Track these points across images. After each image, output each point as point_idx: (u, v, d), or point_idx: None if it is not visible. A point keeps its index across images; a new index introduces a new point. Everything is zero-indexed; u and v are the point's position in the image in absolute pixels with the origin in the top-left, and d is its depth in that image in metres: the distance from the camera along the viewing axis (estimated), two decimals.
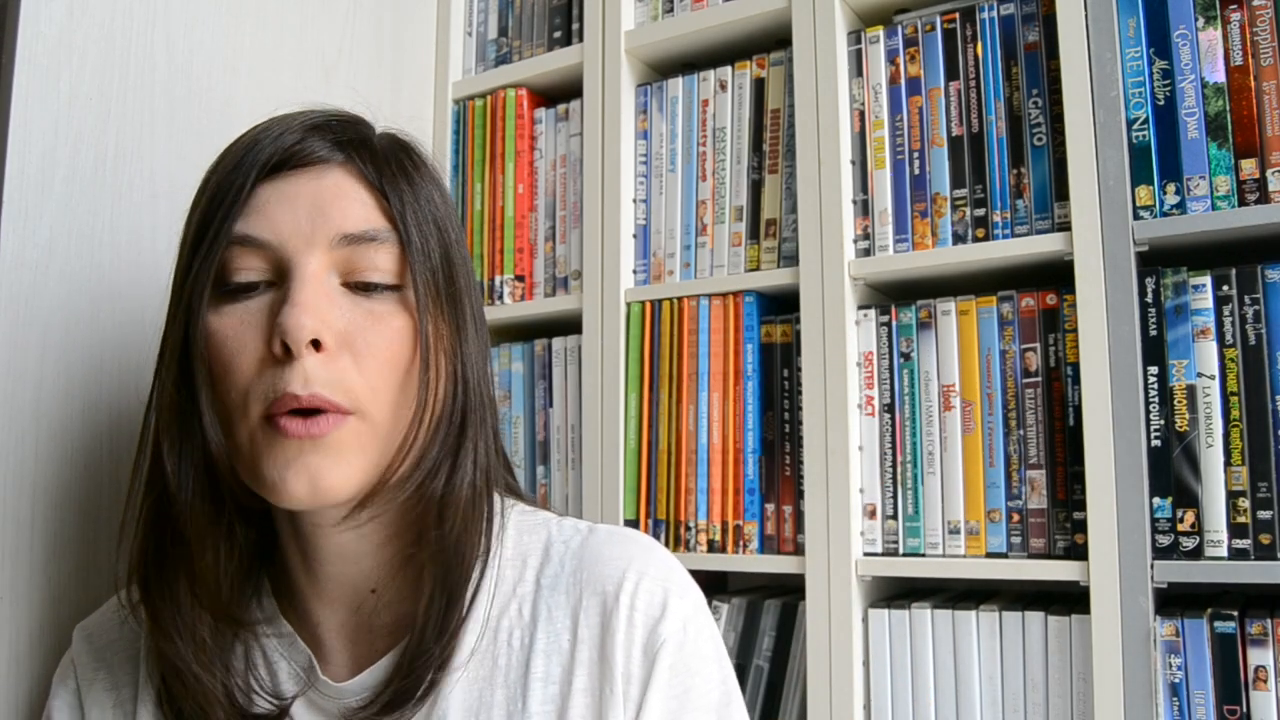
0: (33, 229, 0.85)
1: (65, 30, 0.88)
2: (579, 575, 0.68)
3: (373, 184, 0.65)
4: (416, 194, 0.67)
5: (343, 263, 0.64)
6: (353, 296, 0.64)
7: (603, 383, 1.27)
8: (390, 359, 0.64)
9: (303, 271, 0.62)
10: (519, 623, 0.68)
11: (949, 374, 1.10)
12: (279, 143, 0.64)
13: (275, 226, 0.63)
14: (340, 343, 0.62)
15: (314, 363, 0.61)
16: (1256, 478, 0.95)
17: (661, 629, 0.65)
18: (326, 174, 0.65)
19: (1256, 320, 0.96)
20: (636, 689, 0.65)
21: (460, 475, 0.66)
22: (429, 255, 0.66)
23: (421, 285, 0.65)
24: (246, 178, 0.63)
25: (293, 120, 0.66)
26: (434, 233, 0.67)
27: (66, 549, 0.86)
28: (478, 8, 1.47)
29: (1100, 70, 1.03)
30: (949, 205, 1.12)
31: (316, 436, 0.61)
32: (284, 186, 0.64)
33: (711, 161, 1.27)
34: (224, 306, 0.64)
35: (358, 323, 0.63)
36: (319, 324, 0.61)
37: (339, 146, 0.66)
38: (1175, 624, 0.95)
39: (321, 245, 0.63)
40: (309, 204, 0.63)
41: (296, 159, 0.64)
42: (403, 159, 0.68)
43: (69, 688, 0.74)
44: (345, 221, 0.63)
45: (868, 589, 1.12)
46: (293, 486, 0.61)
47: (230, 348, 0.63)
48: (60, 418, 0.86)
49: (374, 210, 0.65)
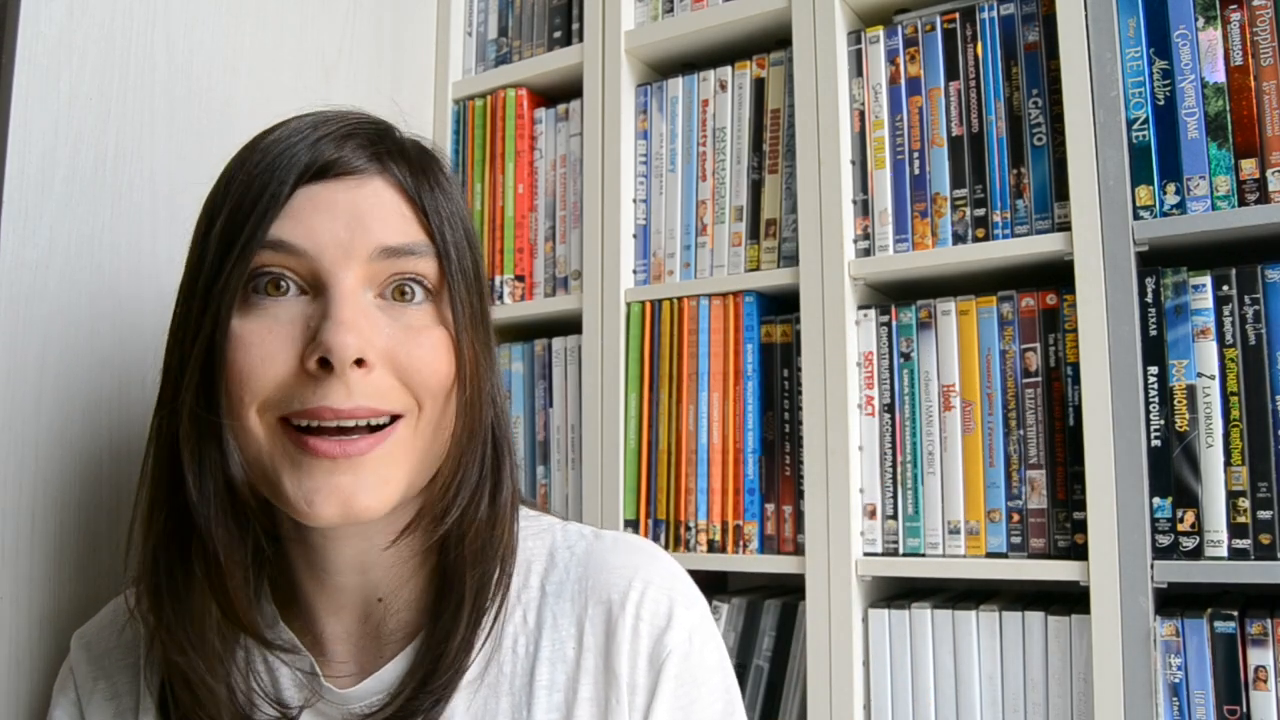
0: (33, 229, 0.85)
1: (65, 30, 0.88)
2: (584, 583, 0.67)
3: (411, 196, 0.64)
4: (447, 202, 0.66)
5: (378, 275, 0.62)
6: (389, 310, 0.63)
7: (603, 383, 1.27)
8: (434, 371, 0.62)
9: (341, 286, 0.60)
10: (524, 630, 0.67)
11: (949, 374, 1.10)
12: (317, 149, 0.62)
13: (313, 234, 0.61)
14: (382, 359, 0.61)
15: (356, 376, 0.59)
16: (1256, 478, 0.95)
17: (667, 640, 0.65)
18: (366, 184, 0.63)
19: (1256, 320, 0.96)
20: (642, 699, 0.65)
21: (504, 494, 0.66)
22: (465, 271, 0.65)
23: (460, 301, 0.64)
24: (284, 181, 0.61)
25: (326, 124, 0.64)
26: (467, 248, 0.66)
27: (66, 549, 0.86)
28: (478, 8, 1.47)
29: (1100, 70, 1.03)
30: (949, 205, 1.12)
31: (353, 455, 0.60)
32: (322, 193, 0.62)
33: (711, 161, 1.27)
34: (251, 311, 0.61)
35: (398, 337, 0.62)
36: (363, 342, 0.59)
37: (376, 157, 0.64)
38: (1175, 624, 0.95)
39: (360, 258, 0.61)
40: (348, 214, 0.62)
41: (336, 166, 0.62)
42: (434, 169, 0.67)
43: (69, 697, 0.74)
44: (385, 234, 0.62)
45: (868, 589, 1.12)
46: (321, 509, 0.59)
47: (255, 354, 0.60)
48: (60, 418, 0.86)
49: (413, 223, 0.64)
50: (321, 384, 0.59)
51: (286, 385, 0.60)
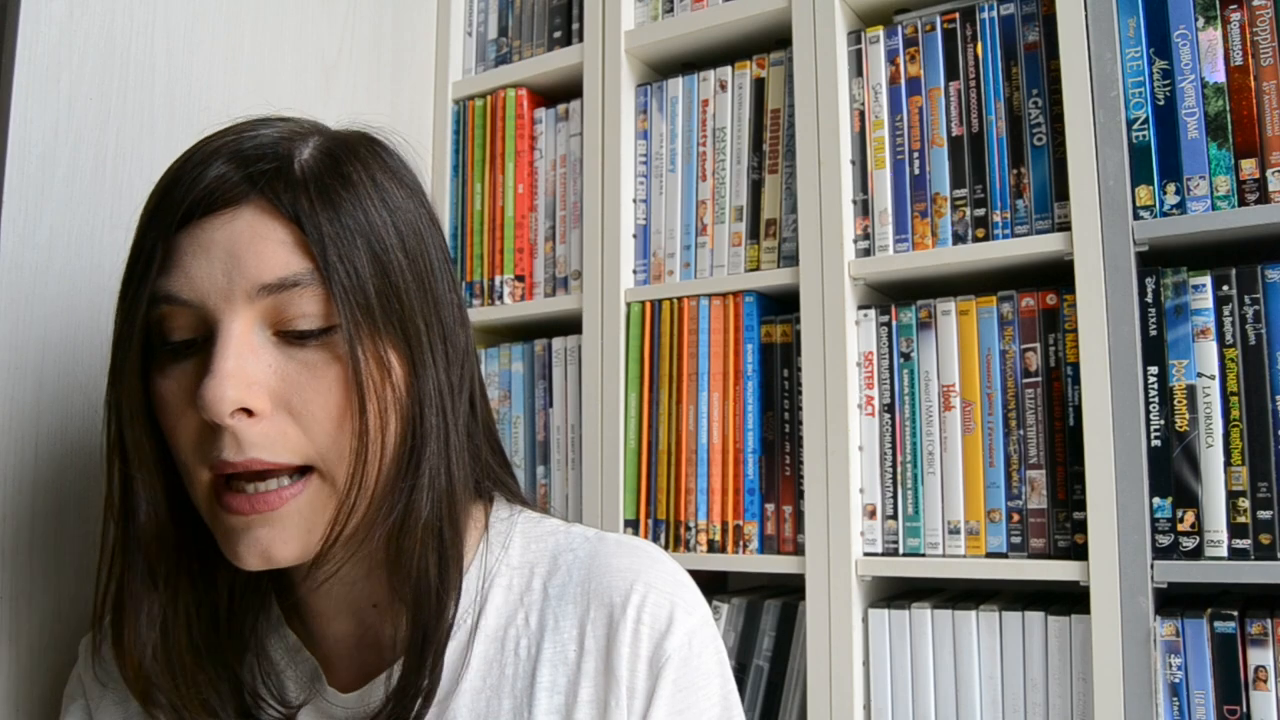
0: (33, 229, 0.85)
1: (65, 30, 0.88)
2: (587, 585, 0.67)
3: (289, 218, 0.60)
4: (342, 220, 0.61)
5: (269, 312, 0.60)
6: (286, 348, 0.60)
7: (603, 383, 1.27)
8: (333, 412, 0.60)
9: (226, 332, 0.58)
10: (526, 631, 0.67)
11: (949, 374, 1.10)
12: (192, 184, 0.60)
13: (193, 284, 0.59)
14: (275, 403, 0.59)
15: (245, 426, 0.58)
16: (1256, 478, 0.95)
17: (667, 644, 0.65)
18: (240, 215, 0.60)
19: (1256, 320, 0.96)
20: (640, 703, 0.65)
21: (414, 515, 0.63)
22: (361, 288, 0.60)
23: (350, 326, 0.59)
24: (161, 229, 0.60)
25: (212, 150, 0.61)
26: (366, 260, 0.61)
27: (66, 549, 0.86)
28: (478, 8, 1.47)
29: (1100, 70, 1.03)
30: (949, 205, 1.12)
31: (264, 512, 0.59)
32: (199, 235, 0.60)
33: (711, 161, 1.27)
34: (167, 367, 0.61)
35: (291, 378, 0.60)
36: (243, 391, 0.58)
37: (251, 180, 0.60)
38: (1175, 624, 0.95)
39: (242, 299, 0.59)
40: (224, 253, 0.59)
41: (209, 201, 0.60)
42: (328, 179, 0.61)
43: (79, 705, 0.74)
44: (261, 270, 0.59)
45: (868, 589, 1.12)
46: (245, 559, 0.60)
47: (172, 413, 0.61)
48: (60, 418, 0.86)
49: (293, 250, 0.60)
50: (218, 438, 0.58)
51: (200, 440, 0.60)
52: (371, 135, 0.68)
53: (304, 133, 0.64)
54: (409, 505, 0.63)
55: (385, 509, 0.63)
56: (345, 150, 0.64)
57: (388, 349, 0.62)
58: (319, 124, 0.67)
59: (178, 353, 0.61)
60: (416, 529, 0.63)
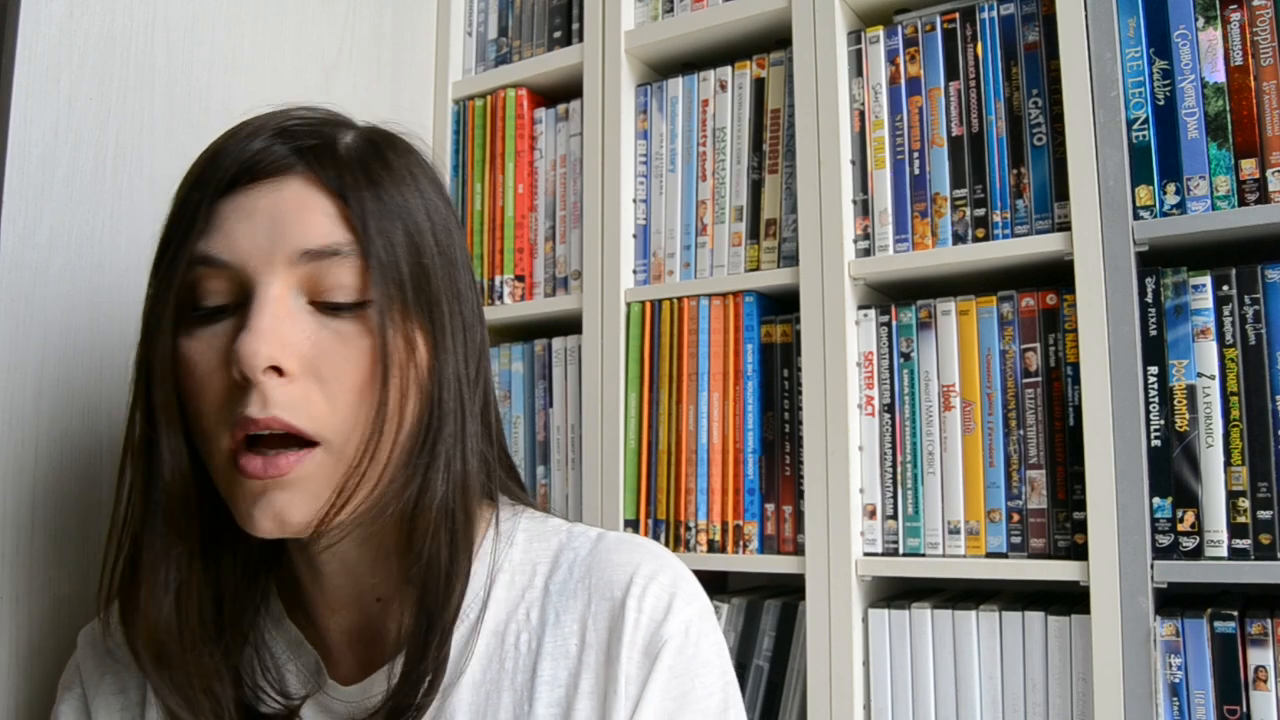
0: (33, 229, 0.85)
1: (65, 30, 0.88)
2: (588, 580, 0.68)
3: (334, 191, 0.62)
4: (382, 198, 0.63)
5: (307, 280, 0.61)
6: (320, 316, 0.62)
7: (603, 383, 1.27)
8: (359, 383, 0.61)
9: (264, 293, 0.60)
10: (526, 627, 0.68)
11: (949, 374, 1.10)
12: (238, 154, 0.61)
13: (234, 245, 0.61)
14: (305, 368, 0.60)
15: (273, 385, 0.59)
16: (1256, 478, 0.95)
17: (664, 630, 0.65)
18: (286, 185, 0.62)
19: (1256, 320, 0.96)
20: (635, 688, 0.65)
21: (429, 495, 0.64)
22: (396, 265, 0.62)
23: (383, 300, 0.61)
24: (205, 194, 0.61)
25: (258, 125, 0.63)
26: (403, 239, 0.63)
27: (66, 549, 0.86)
28: (478, 8, 1.47)
29: (1100, 70, 1.03)
30: (949, 205, 1.12)
31: (276, 477, 0.60)
32: (243, 201, 0.61)
33: (711, 161, 1.27)
34: (195, 330, 0.62)
35: (324, 345, 0.61)
36: (277, 349, 0.59)
37: (299, 153, 0.62)
38: (1175, 624, 0.95)
39: (282, 263, 0.60)
40: (268, 219, 0.61)
41: (256, 170, 0.61)
42: (371, 160, 0.64)
43: (75, 693, 0.74)
44: (305, 237, 0.61)
45: (868, 589, 1.12)
46: (260, 523, 0.61)
47: (198, 374, 0.61)
48: (61, 418, 0.86)
49: (336, 222, 0.61)
50: (245, 395, 0.59)
51: (225, 399, 0.61)
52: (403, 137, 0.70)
53: (344, 121, 0.67)
54: (424, 483, 0.64)
55: (399, 485, 0.64)
56: (385, 141, 0.67)
57: (415, 328, 0.64)
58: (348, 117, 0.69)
59: (207, 317, 0.62)
60: (430, 509, 0.64)
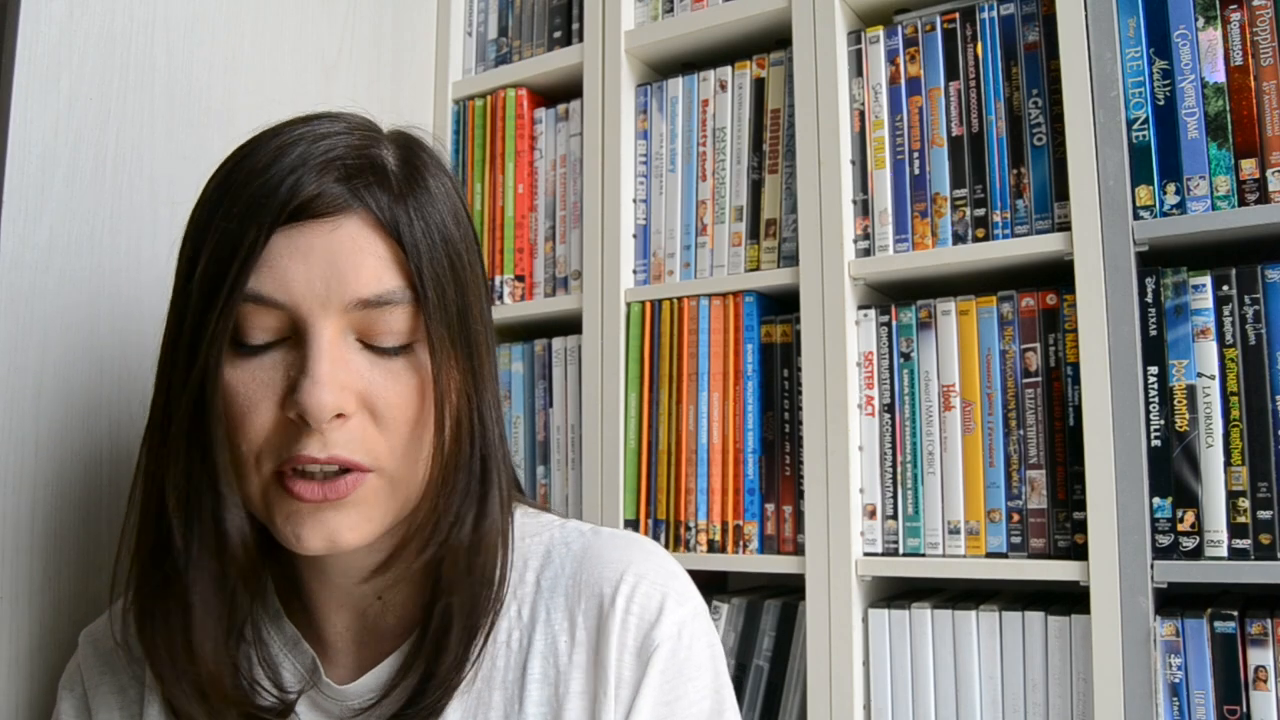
0: (33, 229, 0.85)
1: (65, 30, 0.88)
2: (578, 577, 0.68)
3: (389, 232, 0.62)
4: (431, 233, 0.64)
5: (359, 323, 0.62)
6: (370, 355, 0.63)
7: (603, 383, 1.27)
8: (411, 418, 0.63)
9: (320, 339, 0.60)
10: (517, 624, 0.68)
11: (949, 374, 1.10)
12: (294, 189, 0.60)
13: (289, 286, 0.60)
14: (359, 405, 0.62)
15: (334, 427, 0.60)
16: (1256, 478, 0.95)
17: (656, 633, 0.65)
18: (342, 225, 0.61)
19: (1256, 320, 0.96)
20: (627, 691, 0.65)
21: (489, 520, 0.66)
22: (445, 307, 0.64)
23: (437, 342, 0.63)
24: (260, 229, 0.60)
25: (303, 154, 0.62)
26: (450, 279, 0.64)
27: (66, 549, 0.86)
28: (478, 8, 1.47)
29: (1100, 70, 1.03)
30: (949, 205, 1.12)
31: (334, 500, 0.61)
32: (298, 239, 0.61)
33: (711, 161, 1.27)
34: (238, 360, 0.62)
35: (377, 383, 0.62)
36: (339, 396, 0.60)
37: (355, 192, 0.62)
38: (1175, 624, 0.95)
39: (337, 308, 0.61)
40: (324, 263, 0.61)
41: (313, 209, 0.61)
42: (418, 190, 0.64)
43: (75, 693, 0.74)
44: (361, 284, 0.61)
45: (868, 589, 1.12)
46: (309, 543, 0.62)
47: (242, 404, 0.61)
48: (60, 419, 0.86)
49: (390, 267, 0.62)
50: (302, 434, 0.60)
51: (274, 434, 0.61)
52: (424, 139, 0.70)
53: (375, 135, 0.66)
54: (483, 511, 0.66)
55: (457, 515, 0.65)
56: (416, 158, 0.67)
57: (457, 362, 0.65)
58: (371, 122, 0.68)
59: (251, 348, 0.62)
60: (491, 534, 0.66)
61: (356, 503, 0.62)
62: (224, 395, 0.62)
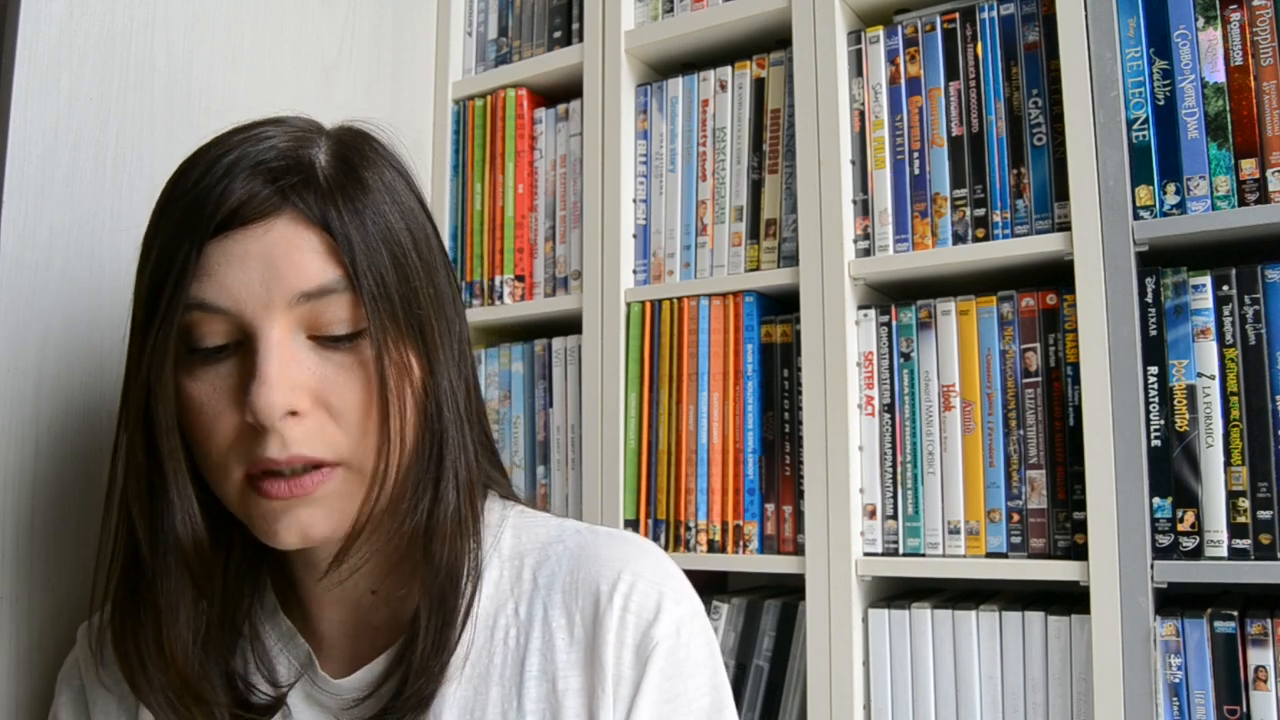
0: (33, 229, 0.85)
1: (65, 30, 0.88)
2: (575, 575, 0.68)
3: (320, 225, 0.63)
4: (365, 225, 0.64)
5: (305, 318, 0.63)
6: (320, 350, 0.63)
7: (603, 383, 1.27)
8: (365, 408, 0.64)
9: (267, 339, 0.61)
10: (515, 621, 0.68)
11: (949, 374, 1.10)
12: (221, 197, 0.61)
13: (229, 291, 0.61)
14: (315, 402, 0.62)
15: (290, 426, 0.61)
16: (1256, 478, 0.95)
17: (654, 632, 0.65)
18: (273, 226, 0.62)
19: (1256, 320, 0.96)
20: (627, 690, 0.65)
21: (442, 506, 0.66)
22: (386, 294, 0.64)
23: (377, 329, 0.63)
24: (194, 241, 0.61)
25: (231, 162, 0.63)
26: (389, 265, 0.64)
27: (66, 549, 0.86)
28: (478, 8, 1.47)
29: (1100, 70, 1.03)
30: (949, 205, 1.12)
31: (301, 496, 0.62)
32: (232, 247, 0.62)
33: (711, 161, 1.27)
34: (197, 369, 0.63)
35: (329, 378, 0.63)
36: (290, 395, 0.61)
37: (282, 194, 0.63)
38: (1175, 624, 0.95)
39: (280, 307, 0.62)
40: (260, 265, 0.62)
41: (242, 215, 0.62)
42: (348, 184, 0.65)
43: (74, 688, 0.75)
44: (299, 279, 0.62)
45: (868, 589, 1.12)
46: (284, 538, 0.63)
47: (206, 414, 0.63)
48: (60, 418, 0.86)
49: (326, 259, 0.63)
50: (262, 437, 0.61)
51: (238, 439, 0.62)
52: (368, 132, 0.70)
53: (310, 135, 0.67)
54: (436, 495, 0.66)
55: (411, 502, 0.66)
56: (355, 153, 0.67)
57: (408, 349, 0.65)
58: (314, 122, 0.69)
59: (207, 357, 0.63)
60: (446, 519, 0.66)
61: (325, 496, 0.63)
62: (189, 406, 0.63)
